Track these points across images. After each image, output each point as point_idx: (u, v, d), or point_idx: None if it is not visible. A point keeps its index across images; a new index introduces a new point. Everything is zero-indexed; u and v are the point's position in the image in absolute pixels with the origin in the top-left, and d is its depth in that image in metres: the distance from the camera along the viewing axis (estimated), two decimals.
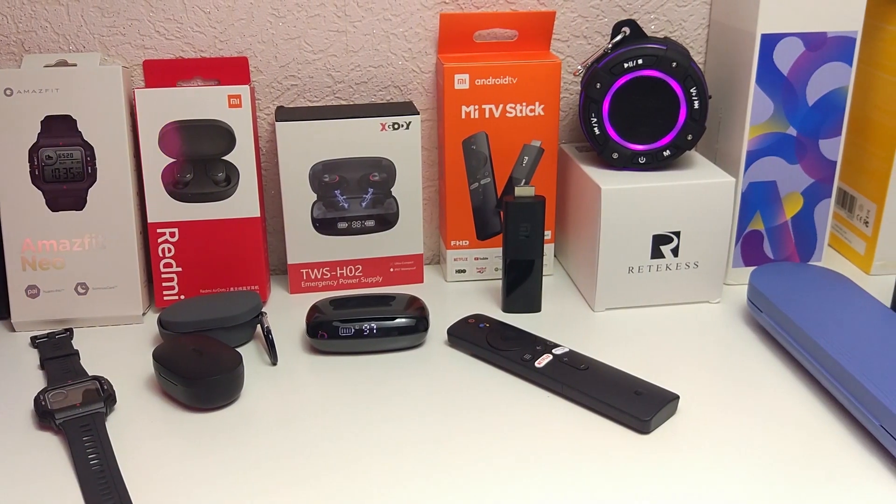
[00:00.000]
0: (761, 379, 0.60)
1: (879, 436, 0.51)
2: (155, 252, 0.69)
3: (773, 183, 0.71)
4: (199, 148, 0.67)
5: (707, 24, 0.76)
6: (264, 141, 0.73)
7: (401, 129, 0.70)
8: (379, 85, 0.73)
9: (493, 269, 0.75)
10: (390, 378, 0.61)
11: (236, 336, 0.64)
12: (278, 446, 0.53)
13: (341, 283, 0.74)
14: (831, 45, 0.68)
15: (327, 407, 0.57)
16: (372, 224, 0.72)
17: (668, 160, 0.69)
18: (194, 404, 0.57)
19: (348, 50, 0.72)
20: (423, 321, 0.64)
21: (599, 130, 0.68)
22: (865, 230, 0.76)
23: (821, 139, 0.70)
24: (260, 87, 0.72)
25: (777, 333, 0.62)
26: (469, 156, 0.71)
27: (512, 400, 0.58)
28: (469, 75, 0.69)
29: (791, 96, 0.69)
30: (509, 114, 0.70)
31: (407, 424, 0.55)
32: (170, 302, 0.70)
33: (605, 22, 0.74)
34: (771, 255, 0.74)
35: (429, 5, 0.72)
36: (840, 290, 0.64)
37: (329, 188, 0.71)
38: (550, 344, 0.62)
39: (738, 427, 0.55)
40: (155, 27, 0.69)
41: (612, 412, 0.56)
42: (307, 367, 0.62)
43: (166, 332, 0.63)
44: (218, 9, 0.70)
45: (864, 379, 0.53)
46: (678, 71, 0.66)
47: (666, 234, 0.67)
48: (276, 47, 0.71)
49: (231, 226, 0.69)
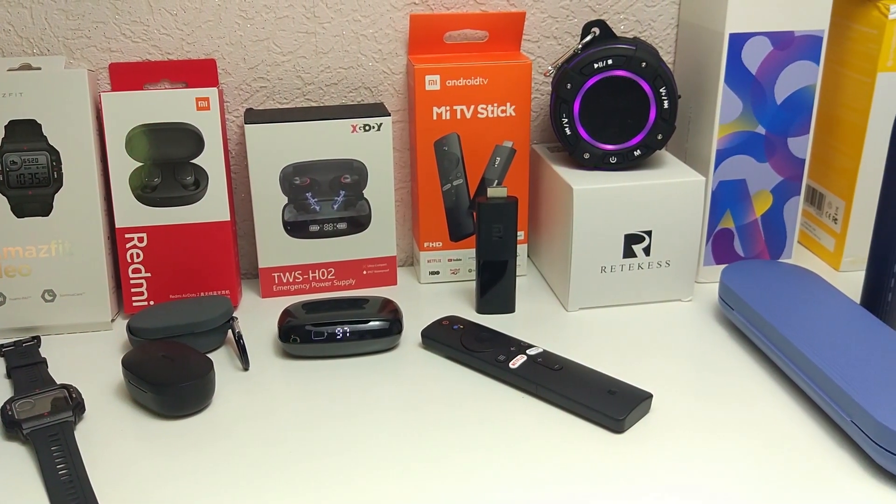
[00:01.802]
0: (733, 376, 0.60)
1: (850, 431, 0.52)
2: (123, 257, 0.68)
3: (742, 181, 0.72)
4: (167, 151, 0.66)
5: (676, 24, 0.76)
6: (233, 144, 0.73)
7: (372, 131, 0.69)
8: (349, 86, 0.73)
9: (467, 270, 0.75)
10: (364, 382, 0.60)
11: (207, 342, 0.64)
12: (251, 453, 0.53)
13: (314, 286, 0.73)
14: (799, 44, 0.68)
15: (300, 412, 0.57)
16: (344, 226, 0.72)
17: (639, 160, 0.69)
18: (165, 412, 0.56)
19: (318, 51, 0.72)
20: (396, 324, 0.64)
21: (570, 131, 0.68)
22: (834, 227, 0.77)
23: (789, 137, 0.71)
24: (228, 90, 0.71)
25: (748, 331, 0.63)
26: (441, 157, 0.71)
27: (487, 401, 0.58)
28: (440, 76, 0.69)
29: (759, 95, 0.69)
30: (481, 115, 0.70)
31: (381, 428, 0.55)
32: (139, 308, 0.69)
33: (574, 22, 0.74)
34: (741, 253, 0.74)
35: (398, 6, 0.71)
36: (810, 287, 0.64)
37: (300, 191, 0.70)
38: (524, 344, 0.62)
39: (711, 424, 0.55)
40: (121, 30, 0.69)
41: (586, 412, 0.56)
42: (280, 372, 0.62)
43: (135, 338, 0.62)
44: (185, 11, 0.69)
45: (835, 375, 0.53)
46: (648, 71, 0.66)
47: (638, 234, 0.68)
48: (244, 49, 0.70)
49: (200, 230, 0.68)
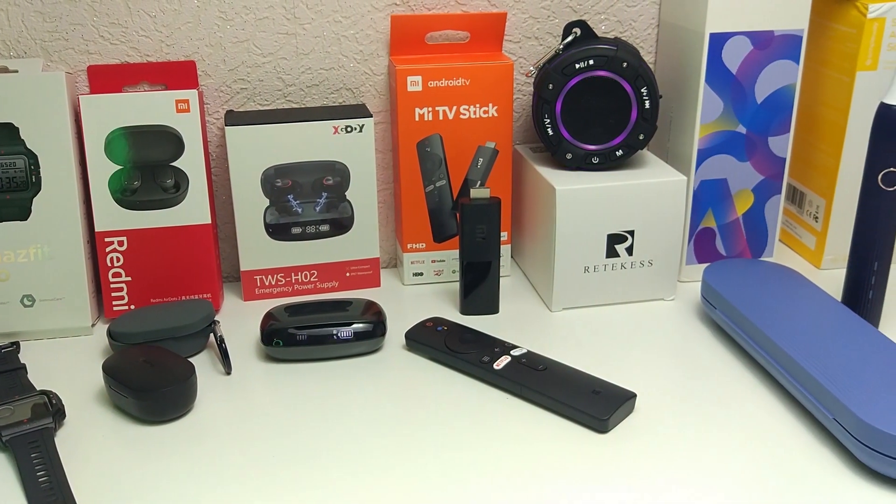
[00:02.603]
0: (716, 375, 0.61)
1: (832, 429, 0.52)
2: (103, 261, 0.67)
3: (723, 180, 0.72)
4: (146, 154, 0.66)
5: (657, 24, 0.76)
6: (214, 146, 0.72)
7: (354, 132, 0.69)
8: (331, 87, 0.73)
9: (451, 271, 0.75)
10: (348, 385, 0.60)
11: (188, 346, 0.63)
12: (234, 458, 0.52)
13: (296, 289, 0.73)
14: (778, 44, 0.69)
15: (284, 416, 0.57)
16: (326, 228, 0.71)
17: (621, 160, 0.69)
18: (146, 417, 0.56)
19: (298, 52, 0.71)
20: (380, 326, 0.63)
21: (553, 131, 0.68)
22: (815, 225, 0.77)
23: (770, 136, 0.71)
24: (208, 92, 0.71)
25: (731, 329, 0.63)
26: (424, 158, 0.71)
27: (471, 403, 0.58)
28: (422, 77, 0.68)
29: (740, 95, 0.70)
30: (463, 115, 0.70)
31: (365, 431, 0.55)
32: (119, 312, 0.68)
33: (556, 23, 0.75)
34: (723, 252, 0.75)
35: (379, 7, 0.71)
36: (791, 285, 0.65)
37: (282, 193, 0.70)
38: (509, 345, 0.62)
39: (695, 423, 0.55)
40: (99, 32, 0.68)
41: (571, 412, 0.56)
42: (262, 375, 0.61)
43: (116, 343, 0.62)
44: (164, 12, 0.68)
45: (817, 372, 0.54)
46: (629, 71, 0.66)
47: (620, 234, 0.68)
48: (224, 50, 0.70)
49: (181, 233, 0.68)
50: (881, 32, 0.69)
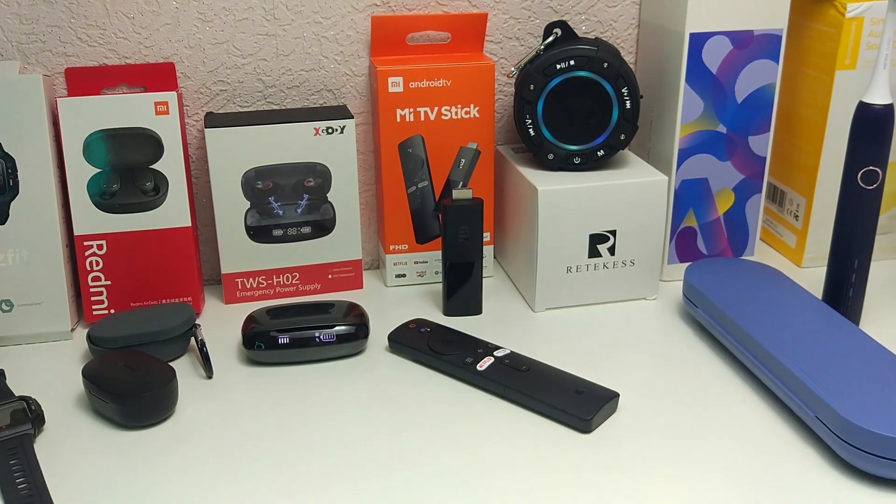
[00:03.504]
0: (698, 374, 0.61)
1: (814, 426, 0.52)
2: (82, 265, 0.67)
3: (704, 180, 0.72)
4: (125, 157, 0.65)
5: (637, 25, 0.76)
6: (194, 148, 0.72)
7: (335, 134, 0.69)
8: (311, 89, 0.72)
9: (434, 272, 0.75)
10: (331, 387, 0.60)
11: (169, 350, 0.63)
12: (216, 462, 0.52)
13: (278, 291, 0.72)
14: (758, 43, 0.69)
15: (266, 420, 0.56)
16: (308, 230, 0.71)
17: (603, 160, 0.69)
18: (127, 422, 0.55)
19: (278, 54, 0.71)
20: (363, 328, 0.63)
21: (534, 132, 0.68)
22: (796, 224, 0.78)
23: (750, 136, 0.72)
24: (188, 94, 0.70)
25: (712, 328, 0.63)
26: (405, 159, 0.71)
27: (454, 404, 0.58)
28: (403, 78, 0.68)
29: (720, 94, 0.70)
30: (444, 116, 0.70)
31: (348, 434, 0.55)
32: (99, 317, 0.68)
33: (536, 23, 0.75)
34: (704, 251, 0.75)
35: (359, 8, 0.71)
36: (772, 283, 0.65)
37: (263, 195, 0.69)
38: (492, 346, 0.62)
39: (677, 422, 0.55)
40: (76, 34, 0.67)
41: (554, 412, 0.56)
42: (244, 379, 0.61)
43: (96, 348, 0.61)
44: (142, 14, 0.68)
45: (798, 371, 0.54)
46: (609, 71, 0.66)
47: (602, 234, 0.68)
48: (203, 52, 0.70)
49: (161, 236, 0.67)
50: (860, 31, 0.70)
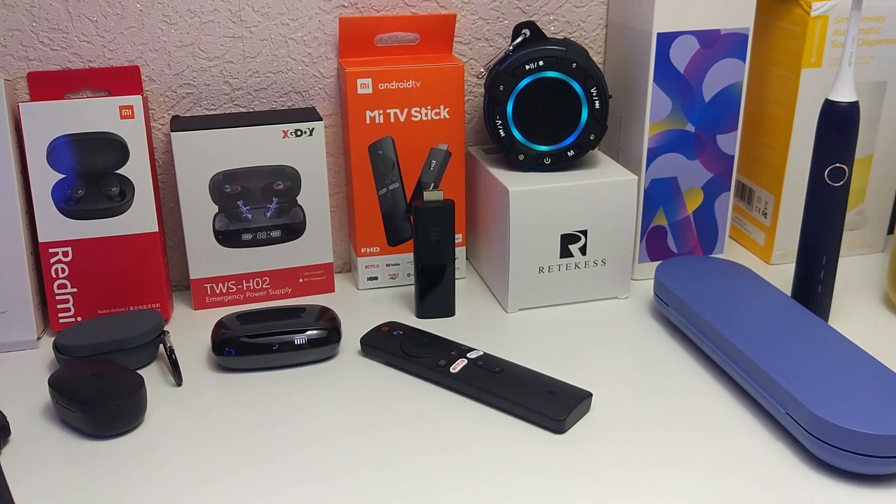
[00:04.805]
0: (670, 372, 0.61)
1: (785, 423, 0.53)
2: (48, 273, 0.66)
3: (673, 179, 0.73)
4: (90, 162, 0.64)
5: (605, 25, 0.77)
6: (160, 152, 0.71)
7: (304, 136, 0.68)
8: (279, 91, 0.72)
9: (406, 274, 0.75)
10: (303, 393, 0.59)
11: (137, 358, 0.62)
12: (186, 471, 0.51)
13: (248, 296, 0.72)
14: (725, 42, 0.69)
15: (237, 427, 0.56)
16: (278, 234, 0.70)
17: (573, 160, 0.69)
18: (95, 432, 0.54)
19: (245, 56, 0.70)
20: (334, 332, 0.63)
21: (504, 132, 0.68)
22: (764, 221, 0.78)
23: (718, 134, 0.72)
24: (153, 97, 0.70)
25: (683, 326, 0.64)
26: (376, 161, 0.70)
27: (428, 407, 0.57)
28: (372, 79, 0.68)
29: (688, 93, 0.70)
30: (414, 117, 0.70)
31: (321, 439, 0.54)
32: (66, 325, 0.67)
33: (505, 24, 0.74)
34: (675, 250, 0.75)
35: (327, 9, 0.70)
36: (742, 281, 0.65)
37: (231, 199, 0.68)
38: (465, 348, 0.62)
39: (650, 421, 0.55)
40: (38, 38, 0.66)
41: (528, 413, 0.56)
42: (214, 386, 0.60)
43: (63, 356, 0.60)
44: (106, 17, 0.67)
45: (768, 368, 0.54)
46: (578, 71, 0.66)
47: (574, 234, 0.68)
48: (168, 55, 0.69)
49: (128, 242, 0.66)
50: (825, 30, 0.70)
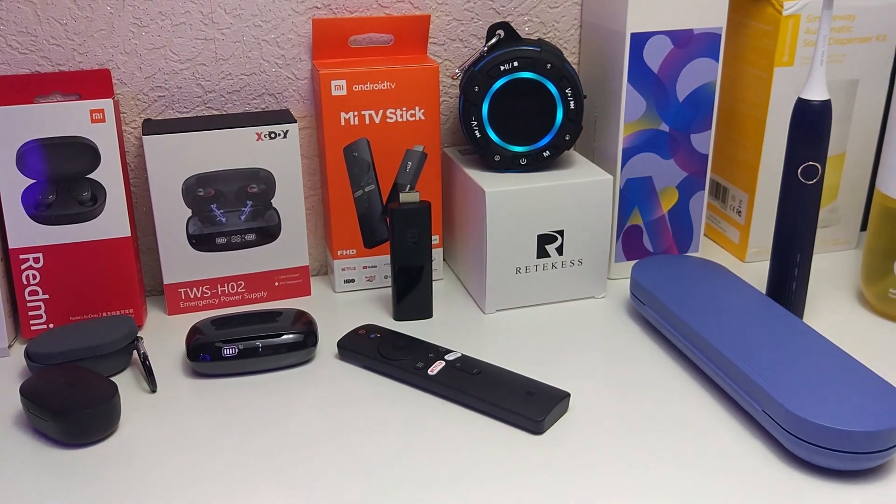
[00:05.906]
0: (647, 371, 0.61)
1: (762, 420, 0.53)
2: (18, 279, 0.64)
3: (648, 178, 0.73)
4: (61, 167, 0.63)
5: (579, 25, 0.77)
6: (132, 156, 0.70)
7: (278, 139, 0.68)
8: (252, 93, 0.71)
9: (383, 276, 0.74)
10: (279, 398, 0.59)
11: (111, 364, 0.61)
12: (162, 478, 0.51)
13: (223, 300, 0.71)
14: (698, 42, 0.70)
15: (213, 433, 0.55)
16: (253, 237, 0.70)
17: (549, 160, 0.69)
18: (68, 440, 0.54)
19: (218, 58, 0.69)
20: (311, 336, 0.62)
21: (480, 133, 0.68)
22: (739, 219, 0.79)
23: (692, 134, 0.73)
24: (125, 100, 0.69)
25: (659, 325, 0.64)
26: (351, 163, 0.70)
27: (406, 410, 0.57)
28: (346, 81, 0.67)
29: (662, 93, 0.71)
30: (390, 119, 0.69)
31: (299, 444, 0.54)
32: (37, 332, 0.66)
33: (479, 25, 0.74)
34: (650, 249, 0.76)
35: (300, 10, 0.70)
36: (717, 279, 0.66)
37: (204, 202, 0.68)
38: (443, 350, 0.61)
39: (628, 420, 0.56)
40: (6, 41, 0.65)
41: (506, 414, 0.55)
42: (189, 392, 0.60)
43: (34, 364, 0.59)
44: (75, 20, 0.66)
45: (744, 365, 0.55)
46: (553, 72, 0.66)
47: (550, 234, 0.68)
48: (140, 58, 0.68)
49: (100, 247, 0.65)
50: (797, 29, 0.71)
